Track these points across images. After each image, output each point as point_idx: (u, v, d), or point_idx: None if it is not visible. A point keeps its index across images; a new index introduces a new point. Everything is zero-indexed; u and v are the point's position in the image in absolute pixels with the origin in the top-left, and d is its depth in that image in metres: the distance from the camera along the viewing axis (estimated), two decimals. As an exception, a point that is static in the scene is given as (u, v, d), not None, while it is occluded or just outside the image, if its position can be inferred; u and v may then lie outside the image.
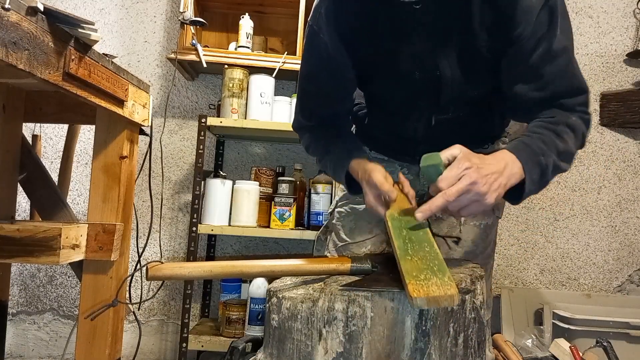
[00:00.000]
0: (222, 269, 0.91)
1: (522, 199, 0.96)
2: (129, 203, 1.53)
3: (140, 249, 2.06)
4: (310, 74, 1.18)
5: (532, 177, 0.93)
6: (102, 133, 1.47)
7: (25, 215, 2.29)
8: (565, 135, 0.99)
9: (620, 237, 2.57)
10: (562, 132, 0.99)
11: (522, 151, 0.94)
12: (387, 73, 1.13)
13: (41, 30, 1.03)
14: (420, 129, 1.20)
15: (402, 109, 1.20)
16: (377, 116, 1.31)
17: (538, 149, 0.95)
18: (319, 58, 1.13)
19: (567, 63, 1.02)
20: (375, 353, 0.75)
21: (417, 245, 0.85)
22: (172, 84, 2.48)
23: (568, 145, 0.99)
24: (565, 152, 0.98)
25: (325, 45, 1.10)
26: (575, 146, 1.01)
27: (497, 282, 2.52)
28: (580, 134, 1.02)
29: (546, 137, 0.97)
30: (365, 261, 0.89)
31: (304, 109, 1.25)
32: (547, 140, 0.97)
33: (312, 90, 1.21)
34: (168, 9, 2.53)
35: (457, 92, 1.11)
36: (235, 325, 2.07)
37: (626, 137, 2.60)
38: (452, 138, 1.02)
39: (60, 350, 2.38)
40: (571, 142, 0.99)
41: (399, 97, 1.18)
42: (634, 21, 2.61)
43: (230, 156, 2.51)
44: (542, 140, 0.97)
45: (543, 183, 0.96)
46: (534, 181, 0.94)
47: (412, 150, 1.24)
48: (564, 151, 0.98)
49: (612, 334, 2.03)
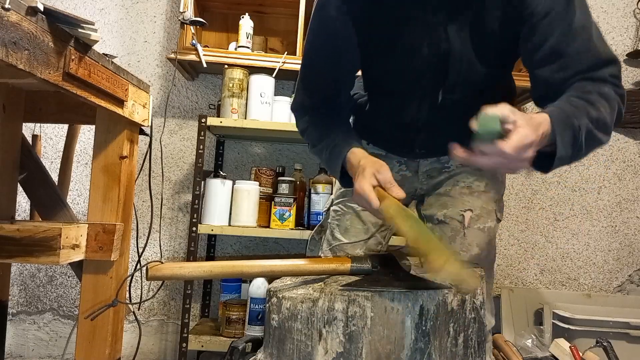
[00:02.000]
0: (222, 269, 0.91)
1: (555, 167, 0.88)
2: (129, 203, 1.53)
3: (140, 249, 2.06)
4: (314, 48, 1.14)
5: (564, 139, 0.84)
6: (102, 133, 1.47)
7: (25, 215, 2.29)
8: (599, 103, 0.90)
9: (620, 237, 2.57)
10: (595, 100, 0.91)
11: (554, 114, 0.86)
12: (394, 47, 1.09)
13: (41, 30, 1.03)
14: (423, 113, 1.16)
15: (406, 89, 1.16)
16: (378, 101, 1.26)
17: (570, 112, 0.87)
18: (325, 31, 1.10)
19: (588, 39, 0.97)
20: (375, 353, 0.75)
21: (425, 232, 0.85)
22: (172, 84, 2.48)
23: (602, 113, 0.90)
24: (600, 120, 0.89)
25: (332, 18, 1.07)
26: (610, 117, 0.92)
27: (497, 282, 2.52)
28: (615, 105, 0.94)
29: (578, 103, 0.89)
30: (365, 261, 0.89)
31: (306, 87, 1.21)
32: (580, 106, 0.89)
33: (315, 66, 1.17)
34: (168, 9, 2.53)
35: (465, 69, 1.07)
36: (235, 325, 2.07)
37: (626, 137, 2.60)
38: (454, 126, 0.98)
39: (60, 350, 2.38)
40: (605, 112, 0.91)
41: (404, 74, 1.13)
42: (634, 21, 2.61)
43: (230, 156, 2.51)
44: (573, 106, 0.89)
45: (576, 149, 0.87)
46: (565, 144, 0.84)
47: (411, 140, 1.21)
48: (598, 118, 0.89)
49: (612, 334, 2.03)
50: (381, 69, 1.17)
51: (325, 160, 1.19)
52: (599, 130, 0.90)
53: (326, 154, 1.16)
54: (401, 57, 1.10)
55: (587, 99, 0.90)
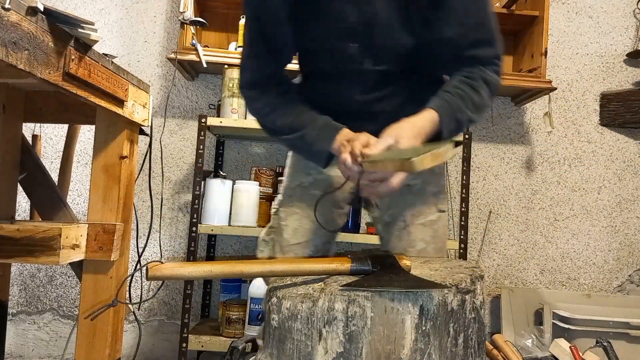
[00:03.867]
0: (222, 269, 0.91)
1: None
2: (128, 203, 1.53)
3: (140, 249, 2.06)
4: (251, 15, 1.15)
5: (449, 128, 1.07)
6: (102, 133, 1.47)
7: (25, 215, 2.29)
8: (482, 90, 1.11)
9: (620, 237, 2.57)
10: (479, 87, 1.11)
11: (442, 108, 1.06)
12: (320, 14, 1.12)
13: (41, 30, 1.03)
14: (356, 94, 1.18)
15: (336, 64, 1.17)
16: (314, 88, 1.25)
17: (456, 106, 1.08)
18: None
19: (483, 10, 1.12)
20: (375, 353, 0.75)
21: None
22: (172, 84, 2.48)
23: (483, 98, 1.12)
24: (480, 105, 1.12)
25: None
26: (489, 97, 1.14)
27: (497, 282, 2.53)
28: (493, 87, 1.14)
29: (464, 92, 1.10)
30: (365, 261, 0.89)
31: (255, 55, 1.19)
32: (465, 96, 1.09)
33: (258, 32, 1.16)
34: (168, 9, 2.53)
35: (390, 37, 1.12)
36: (235, 325, 2.07)
37: (626, 137, 2.60)
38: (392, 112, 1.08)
39: (60, 350, 2.38)
40: (485, 95, 1.12)
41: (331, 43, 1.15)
42: (634, 21, 2.61)
43: (230, 156, 2.51)
44: (460, 97, 1.09)
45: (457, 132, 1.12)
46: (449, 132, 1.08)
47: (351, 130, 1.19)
48: (479, 103, 1.11)
49: (612, 334, 2.03)
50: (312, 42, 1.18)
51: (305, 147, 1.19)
52: (477, 114, 1.12)
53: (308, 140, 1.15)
54: (330, 26, 1.12)
55: (472, 86, 1.11)
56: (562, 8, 2.61)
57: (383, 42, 1.13)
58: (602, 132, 2.60)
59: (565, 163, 2.58)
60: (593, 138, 2.59)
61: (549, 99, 2.48)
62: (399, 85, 1.19)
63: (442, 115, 1.05)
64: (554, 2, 2.58)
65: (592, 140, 2.59)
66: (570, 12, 2.62)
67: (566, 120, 2.60)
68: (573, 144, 2.59)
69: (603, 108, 2.59)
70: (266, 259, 1.33)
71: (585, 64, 2.60)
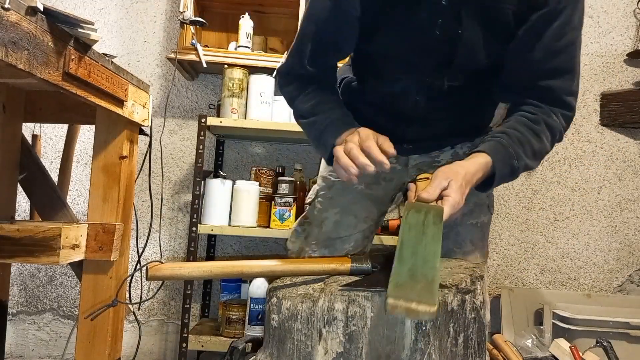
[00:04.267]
0: (222, 269, 0.91)
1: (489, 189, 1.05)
2: (128, 203, 1.53)
3: (140, 249, 2.06)
4: (314, 13, 1.09)
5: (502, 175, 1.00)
6: (102, 133, 1.47)
7: (25, 215, 2.29)
8: (543, 134, 1.03)
9: (620, 237, 2.57)
10: (541, 131, 1.03)
11: (498, 153, 0.99)
12: (402, 23, 1.04)
13: (41, 30, 1.03)
14: (421, 102, 1.14)
15: (406, 73, 1.12)
16: (372, 87, 1.22)
17: (514, 152, 1.00)
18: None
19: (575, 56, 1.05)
20: (375, 353, 0.75)
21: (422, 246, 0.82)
22: (172, 84, 2.47)
23: (544, 144, 1.04)
24: (540, 152, 1.04)
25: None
26: (551, 145, 1.06)
27: (497, 282, 2.52)
28: (557, 133, 1.07)
29: (524, 137, 1.02)
30: (365, 261, 0.89)
31: (300, 51, 1.14)
32: (524, 141, 1.01)
33: (312, 33, 1.11)
34: (168, 9, 2.53)
35: (471, 56, 1.06)
36: (235, 325, 2.07)
37: (626, 137, 2.60)
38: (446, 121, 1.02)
39: (60, 350, 2.38)
40: (547, 142, 1.04)
41: (408, 56, 1.09)
42: (634, 21, 2.61)
43: (230, 156, 2.51)
44: (519, 141, 1.01)
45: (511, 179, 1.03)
46: (502, 178, 1.01)
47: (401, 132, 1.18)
48: (539, 151, 1.03)
49: (612, 334, 2.03)
50: (382, 50, 1.12)
51: (313, 135, 1.13)
52: (535, 160, 1.04)
53: (318, 129, 1.10)
54: (408, 38, 1.06)
55: (533, 130, 1.03)
56: (562, 8, 2.61)
57: (463, 60, 1.07)
58: (602, 132, 2.60)
59: (565, 163, 2.58)
60: (593, 138, 2.59)
61: (549, 99, 2.48)
62: (461, 97, 1.15)
63: (497, 161, 0.98)
64: (554, 2, 2.57)
65: (592, 140, 2.59)
66: (570, 12, 2.61)
67: (566, 120, 2.59)
68: (573, 144, 2.59)
69: (603, 108, 2.59)
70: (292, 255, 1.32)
71: (586, 64, 2.60)
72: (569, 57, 1.05)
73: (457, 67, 1.08)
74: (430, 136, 1.23)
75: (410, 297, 0.68)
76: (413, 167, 1.28)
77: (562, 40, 1.02)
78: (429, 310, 0.66)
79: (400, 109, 1.17)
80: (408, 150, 1.26)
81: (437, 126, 1.02)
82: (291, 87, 1.18)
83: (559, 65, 1.04)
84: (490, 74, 1.12)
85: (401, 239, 0.80)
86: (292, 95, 1.18)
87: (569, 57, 1.05)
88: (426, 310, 0.66)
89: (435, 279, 0.73)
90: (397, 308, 0.67)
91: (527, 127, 1.03)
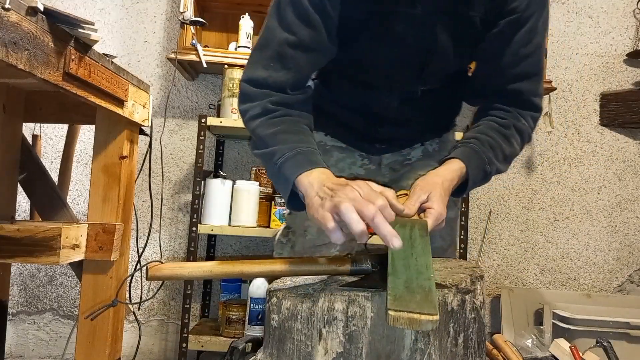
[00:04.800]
0: (222, 269, 0.91)
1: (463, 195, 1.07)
2: (128, 203, 1.53)
3: (140, 249, 2.06)
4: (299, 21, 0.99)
5: (475, 180, 1.02)
6: (102, 133, 1.47)
7: (25, 215, 2.29)
8: (513, 138, 1.07)
9: (620, 237, 2.57)
10: (511, 135, 1.06)
11: (471, 159, 1.02)
12: (379, 34, 1.05)
13: (41, 30, 1.03)
14: (393, 104, 1.15)
15: (381, 79, 1.14)
16: (344, 90, 1.19)
17: (486, 157, 1.02)
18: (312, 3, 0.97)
19: (541, 59, 1.10)
20: (375, 353, 0.75)
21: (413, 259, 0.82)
22: (172, 84, 2.48)
23: (514, 148, 1.07)
24: (510, 156, 1.07)
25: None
26: (521, 148, 1.09)
27: (497, 282, 2.52)
28: (526, 135, 1.10)
29: (495, 142, 1.04)
30: (365, 261, 0.89)
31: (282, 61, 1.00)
32: (495, 145, 1.04)
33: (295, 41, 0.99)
34: (168, 9, 2.53)
35: (443, 62, 1.10)
36: (235, 325, 2.07)
37: (626, 137, 2.60)
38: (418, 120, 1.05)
39: (60, 350, 2.38)
40: (517, 146, 1.08)
41: (383, 65, 1.11)
42: (634, 21, 2.61)
43: (230, 156, 2.51)
44: (490, 146, 1.04)
45: (483, 183, 1.06)
46: (475, 183, 1.03)
47: (374, 133, 1.18)
48: (509, 155, 1.06)
49: (612, 334, 2.03)
50: (358, 58, 1.11)
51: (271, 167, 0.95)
52: (505, 163, 1.07)
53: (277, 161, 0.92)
54: (384, 48, 1.08)
55: (504, 134, 1.05)
56: (562, 8, 2.61)
57: (436, 67, 1.11)
58: (602, 132, 2.60)
59: (565, 163, 2.58)
60: (593, 138, 2.59)
61: (549, 99, 2.48)
62: (433, 99, 1.18)
63: (470, 166, 1.01)
64: (554, 2, 2.58)
65: (592, 140, 2.59)
66: (570, 12, 2.62)
67: (566, 120, 2.60)
68: (573, 144, 2.59)
69: (603, 108, 2.59)
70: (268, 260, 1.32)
71: (585, 64, 2.60)
72: (536, 60, 1.09)
73: (430, 73, 1.12)
74: (402, 136, 1.25)
75: (411, 308, 0.68)
76: (386, 167, 1.30)
77: (529, 45, 1.06)
78: (431, 319, 0.67)
79: (373, 111, 1.19)
80: (381, 150, 1.28)
81: (409, 126, 1.04)
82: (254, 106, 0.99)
83: (527, 68, 1.08)
84: (460, 76, 1.18)
85: (391, 254, 0.81)
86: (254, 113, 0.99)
87: (536, 61, 1.09)
88: (428, 319, 0.67)
89: (432, 288, 0.73)
90: (399, 320, 0.67)
91: (497, 132, 1.06)
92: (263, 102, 0.98)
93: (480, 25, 1.05)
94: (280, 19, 1.00)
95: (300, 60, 1.01)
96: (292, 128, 0.98)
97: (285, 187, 0.91)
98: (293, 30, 0.99)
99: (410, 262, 0.80)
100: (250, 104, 1.00)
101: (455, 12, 1.03)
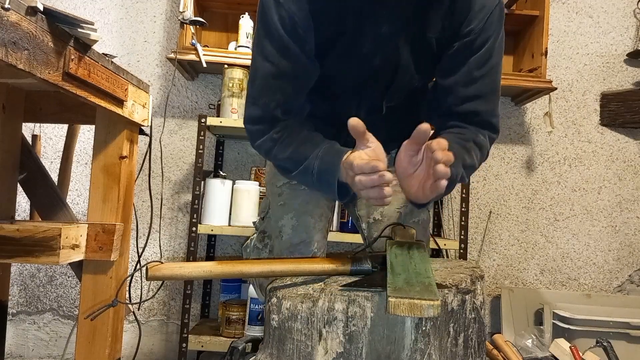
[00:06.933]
0: (222, 269, 0.91)
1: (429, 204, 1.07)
2: (128, 203, 1.53)
3: (140, 249, 2.06)
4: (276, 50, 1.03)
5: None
6: (102, 133, 1.47)
7: (25, 215, 2.28)
8: (473, 151, 1.08)
9: (620, 237, 2.57)
10: (470, 148, 1.08)
11: None
12: (347, 53, 1.09)
13: (41, 30, 1.03)
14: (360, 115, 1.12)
15: (348, 94, 1.18)
16: (313, 101, 1.21)
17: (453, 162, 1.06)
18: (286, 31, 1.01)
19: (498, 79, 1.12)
20: (375, 353, 0.75)
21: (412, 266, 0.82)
22: (172, 83, 2.47)
23: (474, 161, 1.08)
24: (471, 167, 1.08)
25: (292, 16, 1.00)
26: (479, 162, 1.11)
27: (497, 282, 2.52)
28: (485, 152, 1.12)
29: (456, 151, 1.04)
30: (365, 261, 0.89)
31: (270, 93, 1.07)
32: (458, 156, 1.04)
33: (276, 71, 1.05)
34: (168, 9, 2.53)
35: (407, 79, 1.14)
36: (235, 325, 2.07)
37: (626, 137, 2.60)
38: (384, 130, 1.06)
39: (60, 350, 2.38)
40: (476, 159, 1.09)
41: (351, 80, 1.15)
42: (634, 21, 2.61)
43: (230, 156, 2.51)
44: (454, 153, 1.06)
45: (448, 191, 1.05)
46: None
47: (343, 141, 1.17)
48: (470, 166, 1.07)
49: (612, 334, 2.03)
50: (327, 73, 1.14)
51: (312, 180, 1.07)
52: (467, 173, 1.07)
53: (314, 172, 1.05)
54: (353, 62, 1.11)
55: (464, 147, 1.06)
56: (562, 8, 2.61)
57: (400, 85, 1.15)
58: (602, 132, 2.60)
59: (565, 163, 2.58)
60: (593, 138, 2.59)
61: (549, 99, 2.48)
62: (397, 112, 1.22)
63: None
64: (554, 2, 2.57)
65: (592, 140, 2.59)
66: (571, 12, 2.61)
67: (566, 120, 2.60)
68: (573, 144, 2.59)
69: (603, 108, 2.59)
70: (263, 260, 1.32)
71: (586, 64, 2.60)
72: (492, 80, 1.11)
73: (394, 90, 1.16)
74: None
75: (411, 295, 0.68)
76: None
77: (485, 66, 1.08)
78: (432, 304, 0.66)
79: (341, 121, 1.19)
80: None
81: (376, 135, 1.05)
82: (267, 138, 1.11)
83: (483, 88, 1.09)
84: (422, 91, 1.24)
85: (390, 261, 0.82)
86: (266, 146, 1.11)
87: (491, 80, 1.10)
88: (430, 304, 0.66)
89: (432, 283, 0.73)
90: (399, 307, 0.67)
91: (458, 144, 1.06)
92: (268, 135, 1.09)
93: (436, 45, 1.09)
94: (261, 50, 1.06)
95: (286, 88, 1.08)
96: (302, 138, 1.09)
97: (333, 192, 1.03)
98: (273, 62, 1.05)
99: (409, 267, 0.80)
100: (259, 141, 1.11)
101: (414, 33, 1.08)
